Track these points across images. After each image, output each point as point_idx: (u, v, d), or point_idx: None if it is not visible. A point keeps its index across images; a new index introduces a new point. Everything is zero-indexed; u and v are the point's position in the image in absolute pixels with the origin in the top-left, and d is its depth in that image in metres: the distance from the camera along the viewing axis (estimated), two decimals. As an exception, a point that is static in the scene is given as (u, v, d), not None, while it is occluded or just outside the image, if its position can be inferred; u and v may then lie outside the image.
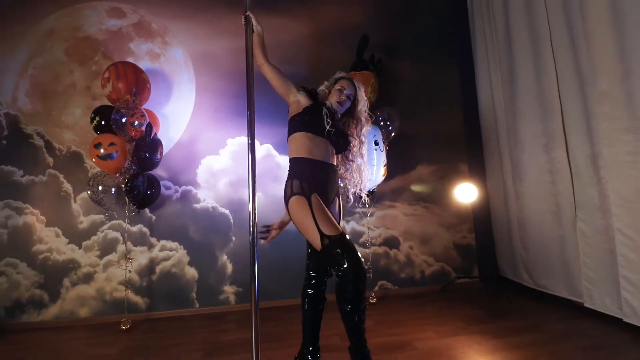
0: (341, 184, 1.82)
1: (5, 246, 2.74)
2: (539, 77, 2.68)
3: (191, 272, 2.89)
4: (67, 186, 2.85)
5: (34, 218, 2.79)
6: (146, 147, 2.62)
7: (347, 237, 1.50)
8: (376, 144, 2.73)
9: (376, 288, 3.07)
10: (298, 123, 1.67)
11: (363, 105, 1.80)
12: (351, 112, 1.79)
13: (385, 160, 2.84)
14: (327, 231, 1.45)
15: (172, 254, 2.89)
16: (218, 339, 2.26)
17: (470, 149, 3.38)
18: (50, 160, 2.86)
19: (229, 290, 2.92)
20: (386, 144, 2.93)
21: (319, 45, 3.23)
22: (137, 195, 2.56)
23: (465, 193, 3.06)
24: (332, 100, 1.74)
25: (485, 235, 3.29)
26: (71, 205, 2.84)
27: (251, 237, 1.58)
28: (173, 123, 3.01)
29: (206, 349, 2.11)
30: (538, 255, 2.78)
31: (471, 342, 2.03)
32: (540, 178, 2.71)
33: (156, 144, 2.71)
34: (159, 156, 2.71)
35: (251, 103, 1.68)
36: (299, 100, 1.71)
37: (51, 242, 2.78)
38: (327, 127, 1.63)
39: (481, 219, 3.30)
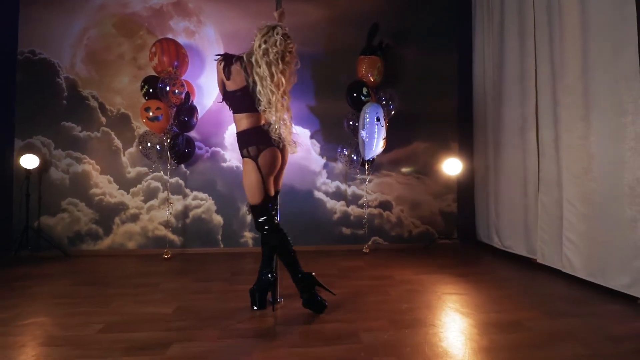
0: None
1: (67, 188, 3.35)
2: (522, 68, 3.09)
3: (217, 219, 3.49)
4: (118, 142, 3.41)
5: (90, 167, 3.38)
6: (185, 112, 3.15)
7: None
8: (377, 120, 3.21)
9: (370, 242, 3.65)
10: None
11: (255, 48, 1.77)
12: None
13: (385, 135, 3.32)
14: None
15: (202, 203, 3.48)
16: (241, 267, 2.88)
17: (461, 129, 3.84)
18: (103, 119, 3.41)
19: (248, 235, 3.53)
20: (387, 120, 3.40)
21: (333, 29, 3.63)
22: (178, 152, 3.11)
23: (451, 167, 3.56)
24: None
25: (467, 204, 3.81)
26: (121, 158, 3.41)
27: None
28: (206, 92, 3.51)
29: (233, 271, 2.74)
30: (507, 222, 3.31)
31: (439, 277, 2.61)
32: (515, 156, 3.19)
33: (193, 110, 3.23)
34: (195, 120, 3.24)
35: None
36: None
37: (105, 187, 3.39)
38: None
39: (464, 191, 3.81)
